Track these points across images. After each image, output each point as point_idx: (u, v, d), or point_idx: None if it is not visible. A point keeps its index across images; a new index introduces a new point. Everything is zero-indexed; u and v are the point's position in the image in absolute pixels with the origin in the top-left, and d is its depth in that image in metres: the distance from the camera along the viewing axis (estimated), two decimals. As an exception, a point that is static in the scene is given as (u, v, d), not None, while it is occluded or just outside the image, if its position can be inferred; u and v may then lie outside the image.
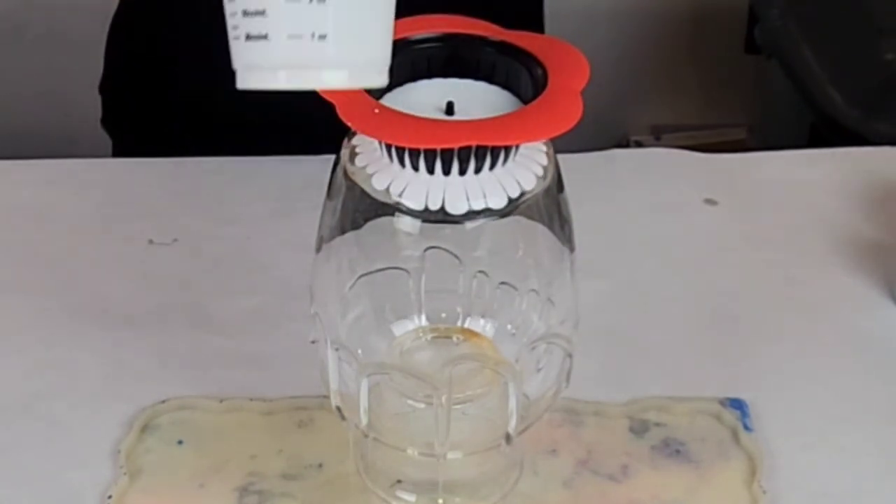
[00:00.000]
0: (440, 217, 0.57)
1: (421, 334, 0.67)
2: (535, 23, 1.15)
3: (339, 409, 0.64)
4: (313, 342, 0.65)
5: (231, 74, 0.51)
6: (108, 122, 1.19)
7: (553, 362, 0.65)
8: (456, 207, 0.57)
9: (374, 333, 0.66)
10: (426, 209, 0.57)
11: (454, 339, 0.68)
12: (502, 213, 0.58)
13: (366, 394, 0.62)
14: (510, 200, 0.58)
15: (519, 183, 0.58)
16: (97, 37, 1.17)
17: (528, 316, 0.66)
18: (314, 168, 0.72)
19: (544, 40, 0.60)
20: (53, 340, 0.84)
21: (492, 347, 0.66)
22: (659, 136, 2.20)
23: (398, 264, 0.66)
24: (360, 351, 0.64)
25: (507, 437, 0.63)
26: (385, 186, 0.58)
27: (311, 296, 0.64)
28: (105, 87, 1.19)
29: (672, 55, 2.08)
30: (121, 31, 1.16)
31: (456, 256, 0.64)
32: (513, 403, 0.62)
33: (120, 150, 1.18)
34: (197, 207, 0.97)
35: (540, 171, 0.59)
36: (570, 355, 0.65)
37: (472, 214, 0.57)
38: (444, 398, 0.61)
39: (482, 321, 0.68)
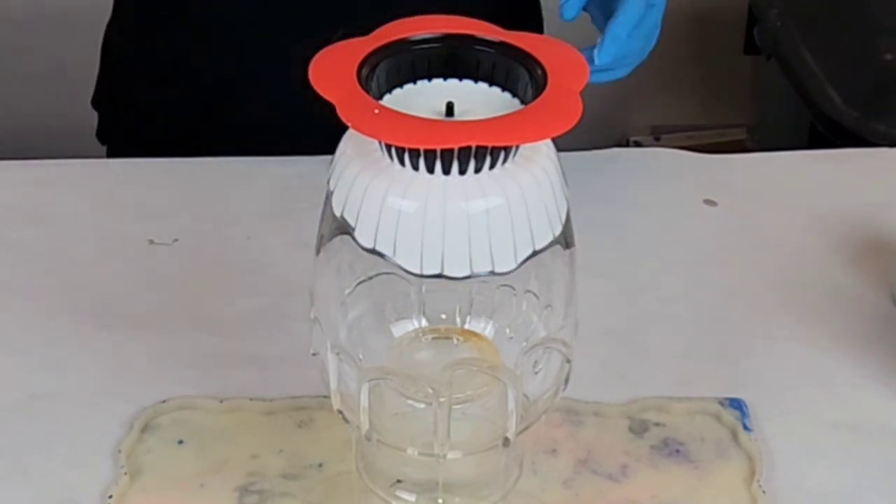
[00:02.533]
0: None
1: (421, 335, 0.67)
2: (534, 21, 1.15)
3: (341, 412, 0.64)
4: (314, 354, 0.65)
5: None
6: (103, 133, 1.18)
7: (552, 365, 0.65)
8: (456, 270, 0.57)
9: (373, 334, 0.66)
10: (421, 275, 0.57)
11: (454, 340, 0.68)
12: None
13: (366, 397, 0.62)
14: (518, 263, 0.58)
15: (533, 240, 0.58)
16: (97, 35, 1.17)
17: (528, 317, 0.66)
18: (314, 168, 0.72)
19: (544, 41, 0.60)
20: (53, 340, 0.84)
21: (492, 348, 0.66)
22: (658, 136, 2.21)
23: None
24: (360, 352, 0.64)
25: (506, 441, 0.63)
26: (371, 245, 0.58)
27: (312, 299, 0.64)
28: (99, 95, 1.18)
29: (672, 56, 2.08)
30: (116, 34, 1.15)
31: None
32: (511, 408, 0.62)
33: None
34: (197, 207, 0.97)
35: (558, 228, 0.59)
36: (568, 361, 0.65)
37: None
38: (443, 400, 0.61)
39: (482, 322, 0.67)
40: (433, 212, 0.57)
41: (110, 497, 0.73)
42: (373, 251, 0.58)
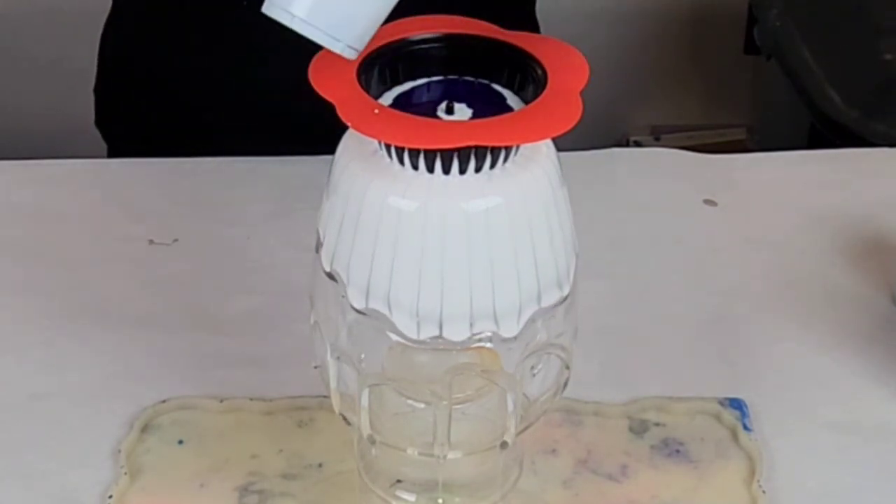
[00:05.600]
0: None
1: (421, 336, 0.67)
2: (528, 21, 1.15)
3: (343, 416, 0.64)
4: (317, 367, 0.65)
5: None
6: (102, 123, 1.18)
7: (551, 366, 0.65)
8: (455, 333, 0.58)
9: (373, 334, 0.66)
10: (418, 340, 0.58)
11: (454, 341, 0.67)
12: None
13: (366, 398, 0.62)
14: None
15: (539, 299, 0.59)
16: (96, 35, 1.17)
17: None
18: (314, 168, 0.72)
19: (544, 40, 0.60)
20: (53, 340, 0.84)
21: (492, 350, 0.66)
22: (658, 136, 2.20)
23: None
24: (360, 354, 0.64)
25: (504, 444, 0.63)
26: (363, 305, 0.59)
27: (311, 300, 0.64)
28: (99, 88, 1.18)
29: (672, 55, 2.08)
30: (114, 32, 1.15)
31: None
32: (510, 411, 0.62)
33: (114, 152, 1.18)
34: (197, 207, 0.97)
35: (566, 288, 0.60)
36: (567, 367, 0.65)
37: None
38: (444, 403, 0.62)
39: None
40: (433, 211, 0.57)
41: (110, 497, 0.73)
42: (365, 312, 0.59)
